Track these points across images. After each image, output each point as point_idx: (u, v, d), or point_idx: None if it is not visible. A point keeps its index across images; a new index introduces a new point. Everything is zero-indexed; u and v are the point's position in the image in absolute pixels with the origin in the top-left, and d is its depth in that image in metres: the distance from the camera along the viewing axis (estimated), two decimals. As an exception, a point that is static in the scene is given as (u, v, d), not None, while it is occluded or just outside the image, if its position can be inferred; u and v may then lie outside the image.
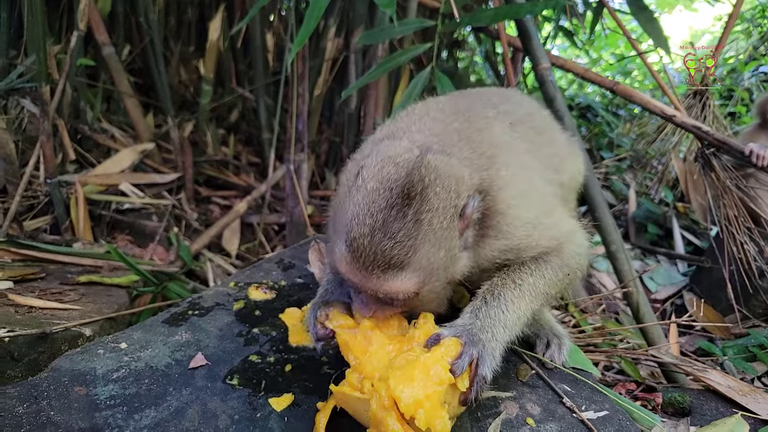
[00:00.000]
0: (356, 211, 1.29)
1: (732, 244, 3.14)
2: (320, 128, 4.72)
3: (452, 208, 1.32)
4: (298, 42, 2.21)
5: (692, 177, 3.79)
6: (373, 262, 1.27)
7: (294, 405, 1.45)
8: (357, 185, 1.33)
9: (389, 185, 1.29)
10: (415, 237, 1.26)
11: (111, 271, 2.75)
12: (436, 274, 1.35)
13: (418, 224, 1.26)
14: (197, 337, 1.69)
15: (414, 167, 1.30)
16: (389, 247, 1.25)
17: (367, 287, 1.33)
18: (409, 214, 1.26)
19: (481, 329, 1.41)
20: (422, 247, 1.28)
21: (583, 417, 1.52)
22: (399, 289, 1.31)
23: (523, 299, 1.51)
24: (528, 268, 1.57)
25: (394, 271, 1.28)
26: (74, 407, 1.35)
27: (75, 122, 3.71)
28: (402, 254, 1.26)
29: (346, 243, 1.30)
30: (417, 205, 1.27)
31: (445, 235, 1.32)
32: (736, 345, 2.91)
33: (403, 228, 1.25)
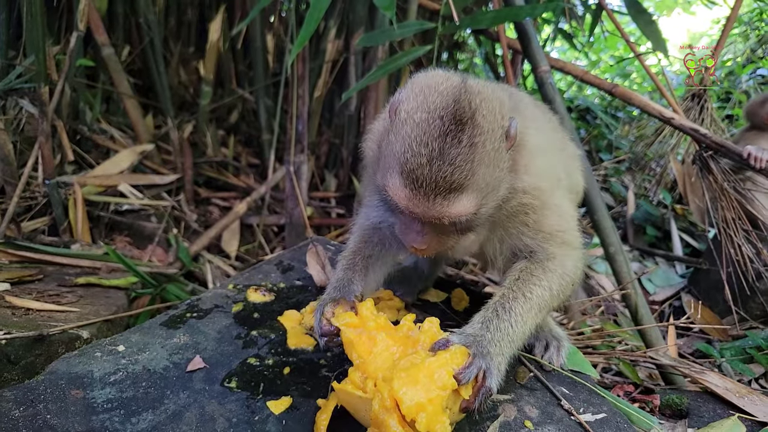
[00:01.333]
0: (409, 142, 1.31)
1: (730, 246, 3.14)
2: (320, 130, 4.72)
3: (500, 129, 1.36)
4: (299, 43, 2.21)
5: (690, 179, 3.80)
6: (435, 189, 1.29)
7: (292, 408, 1.45)
8: (401, 119, 1.35)
9: (439, 113, 1.31)
10: (472, 160, 1.30)
11: (109, 272, 2.74)
12: (492, 193, 1.39)
13: (473, 148, 1.30)
14: (195, 339, 1.69)
15: (460, 93, 1.34)
16: (449, 173, 1.28)
17: (430, 215, 1.34)
18: (464, 139, 1.29)
19: (491, 342, 1.42)
20: (479, 168, 1.31)
21: (581, 419, 1.52)
22: (462, 211, 1.33)
23: (531, 313, 1.53)
24: (538, 279, 1.58)
25: (456, 195, 1.31)
26: (71, 410, 1.35)
27: (74, 123, 3.71)
28: (462, 178, 1.29)
29: (403, 176, 1.32)
30: (470, 129, 1.30)
31: (498, 156, 1.36)
32: (733, 347, 2.92)
33: (461, 153, 1.28)
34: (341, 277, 1.71)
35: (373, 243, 1.80)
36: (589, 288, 3.73)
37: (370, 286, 1.80)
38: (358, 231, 1.84)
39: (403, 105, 1.38)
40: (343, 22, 4.23)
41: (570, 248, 1.67)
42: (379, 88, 3.86)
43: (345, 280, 1.69)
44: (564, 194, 1.76)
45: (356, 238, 1.82)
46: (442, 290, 2.15)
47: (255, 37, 4.24)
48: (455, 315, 2.02)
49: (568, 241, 1.67)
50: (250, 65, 4.72)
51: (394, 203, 1.40)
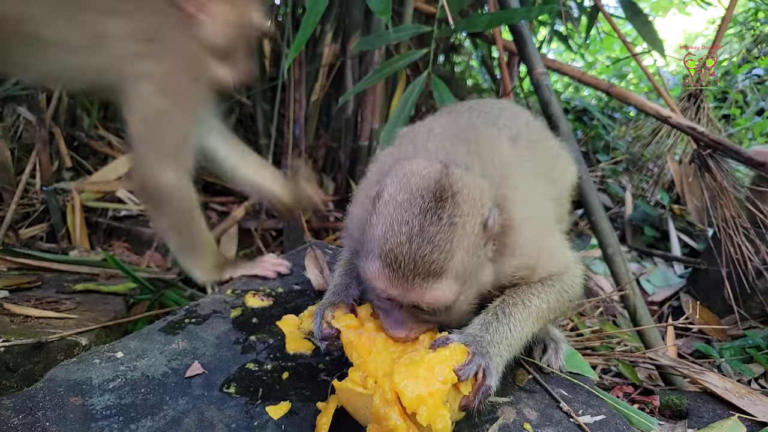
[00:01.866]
0: (389, 222, 1.29)
1: (729, 245, 3.15)
2: (317, 133, 4.72)
3: (479, 215, 1.33)
4: (295, 48, 2.21)
5: (687, 179, 3.80)
6: (414, 269, 1.26)
7: (291, 413, 1.45)
8: (384, 200, 1.33)
9: (420, 193, 1.30)
10: (452, 240, 1.27)
11: (108, 278, 2.74)
12: (470, 281, 1.36)
13: (453, 227, 1.27)
14: (194, 345, 1.69)
15: (441, 176, 1.33)
16: (429, 252, 1.25)
17: (408, 298, 1.31)
18: (444, 217, 1.27)
19: (490, 343, 1.42)
20: (458, 251, 1.28)
21: (579, 421, 1.52)
22: (441, 296, 1.30)
23: (529, 321, 1.53)
24: (536, 290, 1.58)
25: (435, 278, 1.27)
26: (70, 418, 1.35)
27: (71, 129, 3.71)
28: (441, 258, 1.26)
29: (382, 257, 1.28)
30: (450, 208, 1.29)
31: (476, 242, 1.33)
32: (733, 347, 2.92)
33: (440, 231, 1.26)
34: (339, 282, 1.71)
35: None
36: (588, 289, 3.73)
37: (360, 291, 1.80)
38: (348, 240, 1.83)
39: (386, 189, 1.35)
40: (340, 26, 4.24)
41: (566, 269, 1.68)
42: (376, 91, 3.87)
43: (342, 285, 1.70)
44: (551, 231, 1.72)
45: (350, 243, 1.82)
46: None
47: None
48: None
49: (564, 264, 1.68)
50: (247, 70, 4.72)
51: (373, 289, 1.38)
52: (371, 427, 1.27)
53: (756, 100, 6.52)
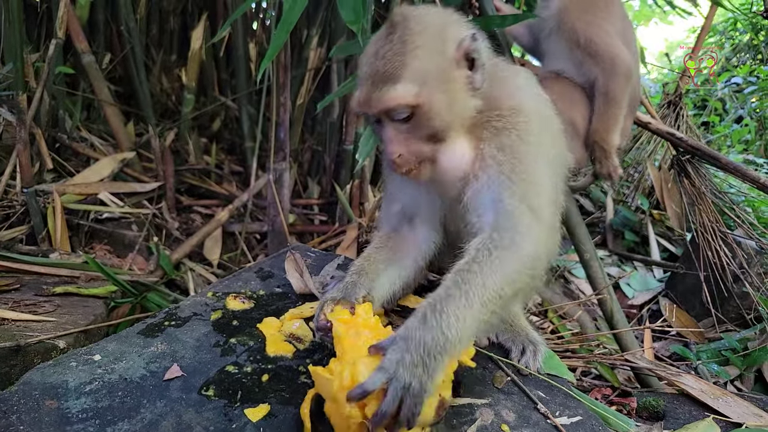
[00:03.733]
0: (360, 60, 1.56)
1: (707, 249, 3.21)
2: (303, 137, 4.73)
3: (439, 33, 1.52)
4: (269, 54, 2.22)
5: (667, 185, 3.87)
6: (372, 82, 1.48)
7: (270, 415, 1.45)
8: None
9: (383, 27, 1.52)
10: (403, 53, 1.46)
11: (88, 281, 2.72)
12: (434, 84, 1.49)
13: (403, 43, 1.46)
14: (173, 348, 1.68)
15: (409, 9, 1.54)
16: (381, 65, 1.47)
17: (372, 107, 1.51)
18: (395, 39, 1.47)
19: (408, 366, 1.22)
20: (411, 60, 1.46)
21: (556, 423, 1.54)
22: (397, 97, 1.46)
23: (472, 310, 1.30)
24: (478, 266, 1.36)
25: (389, 83, 1.46)
26: (45, 421, 1.34)
27: (53, 131, 3.68)
28: (393, 68, 1.46)
29: (357, 83, 1.55)
30: (401, 30, 1.47)
31: (435, 54, 1.50)
32: (709, 349, 2.97)
33: (391, 49, 1.46)
34: (348, 280, 1.74)
35: (387, 248, 1.84)
36: (570, 293, 3.77)
37: (380, 291, 1.80)
38: (375, 238, 1.91)
39: None
40: (326, 31, 4.26)
41: (538, 222, 1.47)
42: (361, 96, 3.88)
43: (350, 284, 1.72)
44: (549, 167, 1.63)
45: (372, 247, 1.87)
46: (421, 296, 2.16)
47: (237, 45, 4.25)
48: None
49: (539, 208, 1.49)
50: (232, 73, 4.72)
51: (354, 111, 1.64)
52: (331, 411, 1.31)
53: (735, 108, 6.65)
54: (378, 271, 1.80)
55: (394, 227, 1.88)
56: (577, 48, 2.56)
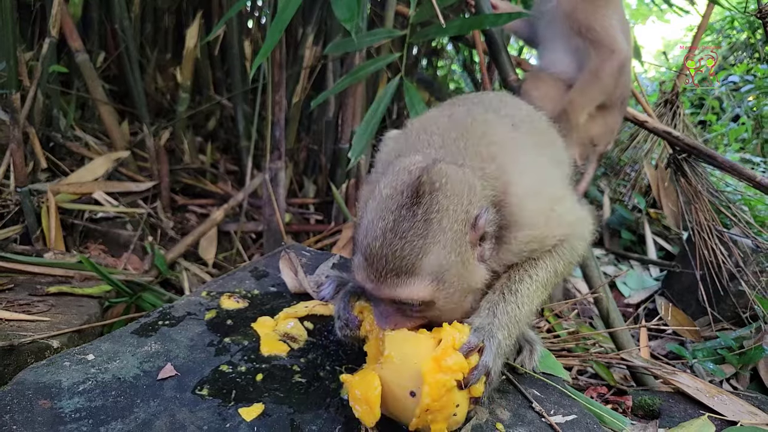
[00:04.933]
0: (370, 218, 1.33)
1: (703, 248, 3.21)
2: (298, 136, 4.72)
3: (463, 213, 1.33)
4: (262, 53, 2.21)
5: (664, 184, 3.87)
6: (386, 265, 1.28)
7: (264, 414, 1.45)
8: (373, 197, 1.37)
9: (401, 189, 1.32)
10: (425, 236, 1.27)
11: (83, 281, 2.71)
12: (450, 280, 1.34)
13: (427, 223, 1.28)
14: (167, 347, 1.67)
15: (425, 171, 1.34)
16: (399, 248, 1.27)
17: (381, 293, 1.34)
18: (419, 214, 1.29)
19: (498, 327, 1.45)
20: (433, 248, 1.28)
21: (551, 421, 1.54)
22: (412, 294, 1.31)
23: (537, 293, 1.56)
24: (543, 262, 1.59)
25: (406, 275, 1.28)
26: (38, 421, 1.33)
27: (47, 130, 3.66)
28: (413, 255, 1.27)
29: (361, 250, 1.33)
30: (426, 204, 1.29)
31: (457, 239, 1.32)
32: (705, 348, 2.97)
33: (413, 227, 1.27)
34: None
35: None
36: (566, 291, 3.77)
37: None
38: None
39: (379, 184, 1.39)
40: (321, 29, 4.24)
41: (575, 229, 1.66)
42: (357, 94, 3.88)
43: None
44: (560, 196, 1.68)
45: None
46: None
47: (232, 44, 4.24)
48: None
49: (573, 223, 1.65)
50: (227, 72, 4.70)
51: (357, 281, 1.41)
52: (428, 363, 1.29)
53: (732, 107, 6.66)
54: None
55: None
56: (577, 36, 2.56)
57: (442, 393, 1.28)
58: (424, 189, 1.31)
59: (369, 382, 1.32)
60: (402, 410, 1.34)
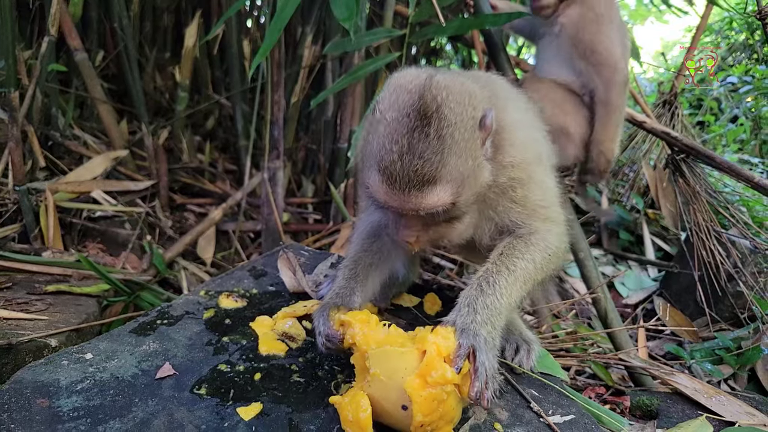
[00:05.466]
0: (382, 142, 1.39)
1: (701, 248, 3.21)
2: (297, 136, 4.71)
3: (470, 119, 1.42)
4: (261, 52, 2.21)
5: (662, 184, 3.88)
6: (409, 183, 1.36)
7: (262, 414, 1.45)
8: (377, 119, 1.44)
9: (406, 111, 1.38)
10: (441, 152, 1.35)
11: (81, 280, 2.70)
12: (468, 182, 1.44)
13: (441, 140, 1.36)
14: (165, 346, 1.67)
15: (425, 89, 1.39)
16: (420, 166, 1.34)
17: (407, 207, 1.41)
18: (431, 133, 1.35)
19: (480, 323, 1.45)
20: (450, 159, 1.37)
21: (549, 421, 1.54)
22: (437, 201, 1.39)
23: (516, 285, 1.57)
24: (520, 252, 1.62)
25: (429, 186, 1.36)
26: (36, 420, 1.33)
27: (46, 129, 3.65)
28: (433, 169, 1.35)
29: (380, 173, 1.39)
30: (436, 122, 1.36)
31: (469, 146, 1.41)
32: (703, 348, 2.98)
33: (429, 146, 1.35)
34: (344, 285, 1.75)
35: (373, 252, 1.84)
36: (564, 292, 3.77)
37: (367, 294, 1.83)
38: (357, 239, 1.88)
39: (378, 105, 1.45)
40: (320, 28, 4.24)
41: (553, 223, 1.72)
42: (356, 94, 3.88)
43: (348, 289, 1.74)
44: (547, 170, 1.82)
45: (356, 246, 1.86)
46: (415, 295, 2.16)
47: (231, 43, 4.23)
48: (427, 319, 2.04)
49: (551, 216, 1.73)
50: (226, 71, 4.70)
51: (376, 200, 1.47)
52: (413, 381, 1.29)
53: (730, 108, 6.67)
54: (368, 275, 1.81)
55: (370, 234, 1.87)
56: (580, 59, 2.59)
57: (434, 407, 1.29)
58: (430, 108, 1.37)
59: (358, 404, 1.34)
60: (396, 423, 1.35)
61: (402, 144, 1.35)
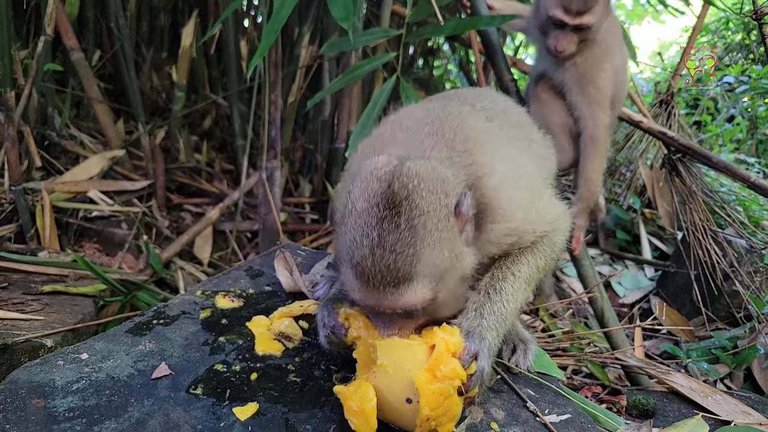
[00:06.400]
0: (352, 235, 1.30)
1: (698, 248, 3.23)
2: (294, 135, 4.71)
3: (444, 207, 1.32)
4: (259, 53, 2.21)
5: (658, 184, 3.88)
6: (382, 280, 1.27)
7: (258, 414, 1.45)
8: (348, 210, 1.34)
9: (375, 201, 1.29)
10: (413, 244, 1.26)
11: (77, 280, 2.70)
12: (446, 275, 1.35)
13: (412, 230, 1.26)
14: (161, 346, 1.67)
15: (394, 176, 1.31)
16: (392, 261, 1.25)
17: (384, 306, 1.33)
18: (402, 223, 1.26)
19: (486, 328, 1.47)
20: (424, 251, 1.27)
21: (545, 420, 1.55)
22: (415, 299, 1.31)
23: (521, 289, 1.59)
24: (525, 257, 1.62)
25: (405, 284, 1.27)
26: (31, 420, 1.33)
27: (42, 128, 3.65)
28: (407, 264, 1.26)
29: (352, 269, 1.31)
30: (406, 212, 1.27)
31: (444, 236, 1.31)
32: (699, 347, 2.98)
33: (400, 238, 1.25)
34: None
35: None
36: (561, 291, 3.78)
37: None
38: None
39: (351, 194, 1.35)
40: (317, 28, 4.24)
41: (553, 225, 1.69)
42: (353, 94, 3.88)
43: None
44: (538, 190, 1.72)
45: None
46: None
47: (228, 43, 4.23)
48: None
49: (550, 220, 1.69)
50: (223, 71, 4.70)
51: (352, 299, 1.42)
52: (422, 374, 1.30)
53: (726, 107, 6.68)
54: None
55: None
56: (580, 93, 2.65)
57: (440, 401, 1.29)
58: (399, 196, 1.28)
59: (363, 394, 1.33)
60: (399, 417, 1.35)
61: (372, 237, 1.26)
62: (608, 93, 2.63)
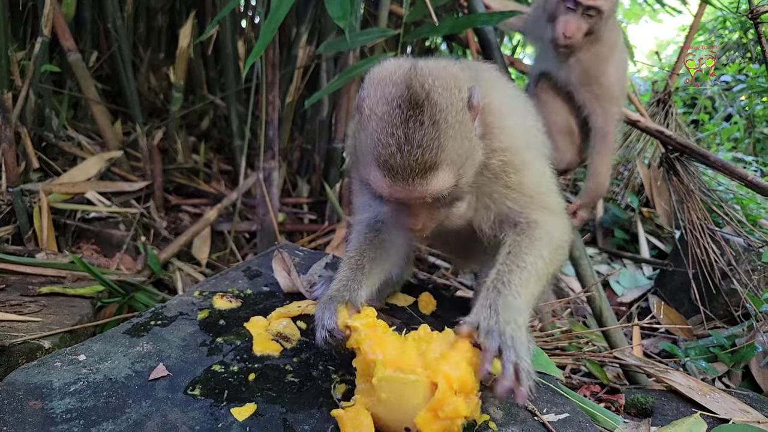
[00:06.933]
0: (377, 137, 1.40)
1: (696, 247, 3.23)
2: (292, 136, 4.70)
3: (459, 101, 1.45)
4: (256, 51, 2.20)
5: (656, 183, 3.89)
6: (411, 172, 1.38)
7: (256, 414, 1.45)
8: (366, 115, 1.45)
9: (396, 103, 1.39)
10: (438, 137, 1.38)
11: (75, 281, 2.69)
12: (467, 162, 1.47)
13: (436, 126, 1.38)
14: (159, 347, 1.67)
15: (411, 78, 1.41)
16: (420, 154, 1.37)
17: (413, 196, 1.43)
18: (425, 120, 1.37)
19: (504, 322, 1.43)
20: (447, 143, 1.39)
21: (544, 419, 1.55)
22: (442, 185, 1.42)
23: (530, 280, 1.58)
24: (527, 248, 1.63)
25: (432, 172, 1.39)
26: (29, 422, 1.32)
27: (39, 130, 3.64)
28: (434, 156, 1.37)
29: (380, 168, 1.41)
30: (428, 110, 1.38)
31: (463, 127, 1.44)
32: (697, 346, 2.99)
33: (426, 134, 1.37)
34: (351, 276, 1.74)
35: (375, 246, 1.84)
36: (559, 290, 3.78)
37: (372, 288, 1.83)
38: (358, 235, 1.88)
39: (365, 102, 1.46)
40: (315, 28, 4.24)
41: (551, 213, 1.74)
42: (351, 94, 3.88)
43: (356, 282, 1.72)
44: (539, 156, 1.84)
45: (359, 239, 1.86)
46: (410, 295, 2.16)
47: (226, 43, 4.22)
48: (422, 318, 2.04)
49: (549, 204, 1.74)
50: (221, 71, 4.69)
51: (379, 194, 1.49)
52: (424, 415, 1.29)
53: (724, 106, 6.69)
54: (372, 269, 1.81)
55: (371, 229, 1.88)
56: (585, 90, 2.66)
57: None
58: (420, 96, 1.38)
59: (360, 423, 1.34)
60: None
61: (398, 136, 1.37)
62: (614, 89, 2.64)
